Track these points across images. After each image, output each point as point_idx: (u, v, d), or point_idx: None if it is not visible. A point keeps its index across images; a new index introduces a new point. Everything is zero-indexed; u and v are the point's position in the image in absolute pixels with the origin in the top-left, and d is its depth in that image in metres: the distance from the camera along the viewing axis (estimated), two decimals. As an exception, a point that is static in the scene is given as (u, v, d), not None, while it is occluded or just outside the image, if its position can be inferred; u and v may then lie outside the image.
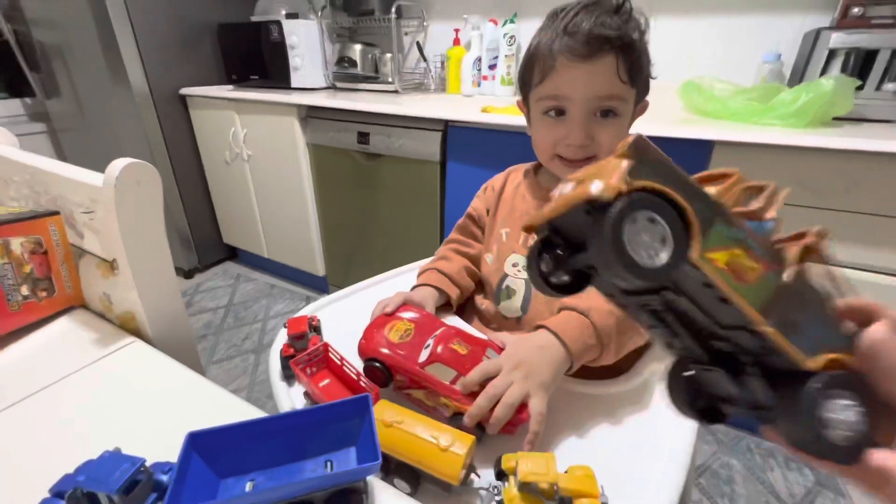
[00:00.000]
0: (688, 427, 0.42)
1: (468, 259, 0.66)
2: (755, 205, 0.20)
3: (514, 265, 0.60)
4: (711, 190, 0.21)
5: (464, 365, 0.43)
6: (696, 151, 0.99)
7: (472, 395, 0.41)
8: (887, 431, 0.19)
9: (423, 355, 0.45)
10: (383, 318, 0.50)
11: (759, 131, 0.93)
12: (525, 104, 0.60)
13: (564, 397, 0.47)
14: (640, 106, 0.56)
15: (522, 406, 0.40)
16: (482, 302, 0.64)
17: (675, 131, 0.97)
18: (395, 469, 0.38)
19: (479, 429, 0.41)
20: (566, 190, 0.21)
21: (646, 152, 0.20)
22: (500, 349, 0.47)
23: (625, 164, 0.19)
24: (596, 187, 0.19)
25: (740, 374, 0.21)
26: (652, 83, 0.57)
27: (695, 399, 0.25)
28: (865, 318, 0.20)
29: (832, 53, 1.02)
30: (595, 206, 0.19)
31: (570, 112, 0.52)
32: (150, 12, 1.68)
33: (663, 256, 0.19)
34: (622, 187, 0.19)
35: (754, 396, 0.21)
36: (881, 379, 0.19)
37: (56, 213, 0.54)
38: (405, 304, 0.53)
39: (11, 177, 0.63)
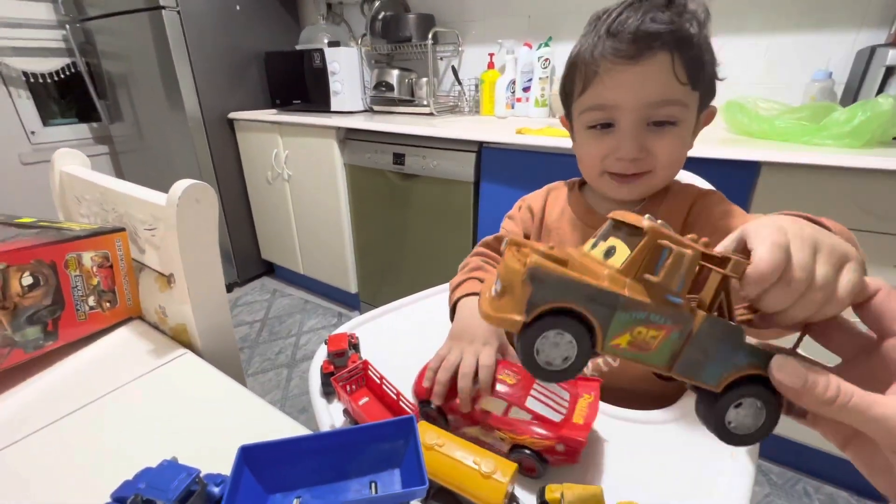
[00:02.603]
0: (746, 466, 0.40)
1: None
2: (660, 275, 0.22)
3: None
4: (617, 263, 0.23)
5: (512, 395, 0.42)
6: (742, 173, 0.95)
7: (525, 424, 0.40)
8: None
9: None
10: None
11: (811, 152, 0.89)
12: (568, 119, 0.54)
13: (611, 426, 0.45)
14: (706, 113, 0.49)
15: (578, 428, 0.38)
16: None
17: (720, 152, 0.94)
18: (434, 494, 0.37)
19: (541, 462, 0.39)
20: (490, 295, 0.25)
21: (544, 277, 0.22)
22: None
23: (526, 292, 0.22)
24: (508, 322, 0.23)
25: None
26: None
27: None
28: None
29: (889, 71, 0.97)
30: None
31: (619, 123, 0.46)
32: (206, 44, 1.82)
33: (572, 357, 0.23)
34: (524, 319, 0.22)
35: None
36: (886, 331, 0.23)
37: (122, 229, 0.58)
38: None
39: (83, 195, 0.69)
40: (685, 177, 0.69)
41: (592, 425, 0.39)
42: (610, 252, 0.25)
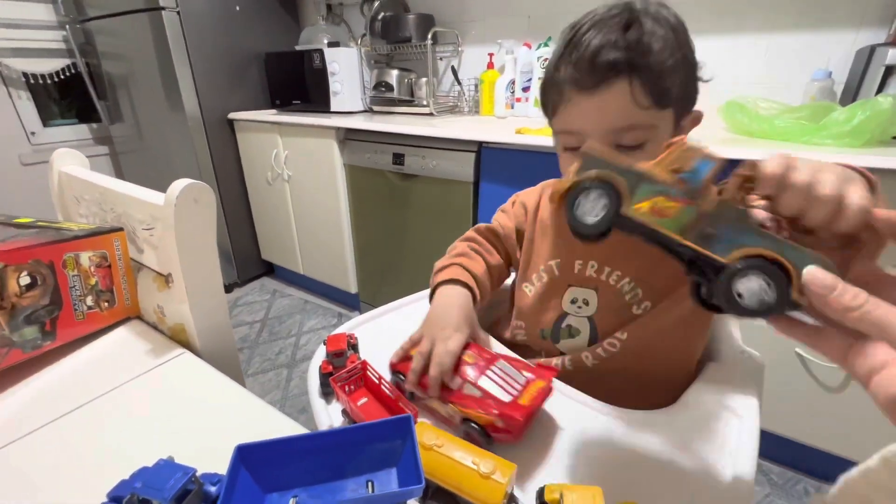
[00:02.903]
0: (747, 465, 0.39)
1: (487, 266, 0.61)
2: (681, 162, 0.29)
3: (574, 302, 0.55)
4: (649, 163, 0.30)
5: (467, 374, 0.44)
6: (742, 172, 0.95)
7: (474, 400, 0.42)
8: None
9: None
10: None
11: (811, 151, 0.89)
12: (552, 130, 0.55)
13: (612, 426, 0.45)
14: (689, 119, 0.49)
15: (519, 407, 0.40)
16: (522, 332, 0.60)
17: (719, 152, 0.93)
18: (432, 494, 0.37)
19: (485, 437, 0.41)
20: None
21: (591, 154, 0.31)
22: (517, 360, 0.47)
23: (575, 165, 0.31)
24: (558, 185, 0.32)
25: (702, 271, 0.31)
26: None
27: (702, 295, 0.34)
28: None
29: (889, 70, 0.97)
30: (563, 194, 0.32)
31: None
32: (206, 44, 1.82)
33: (603, 215, 0.30)
34: (571, 182, 0.31)
35: (710, 285, 0.30)
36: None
37: (120, 229, 0.58)
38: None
39: (82, 195, 0.69)
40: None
41: (540, 407, 0.43)
42: None
